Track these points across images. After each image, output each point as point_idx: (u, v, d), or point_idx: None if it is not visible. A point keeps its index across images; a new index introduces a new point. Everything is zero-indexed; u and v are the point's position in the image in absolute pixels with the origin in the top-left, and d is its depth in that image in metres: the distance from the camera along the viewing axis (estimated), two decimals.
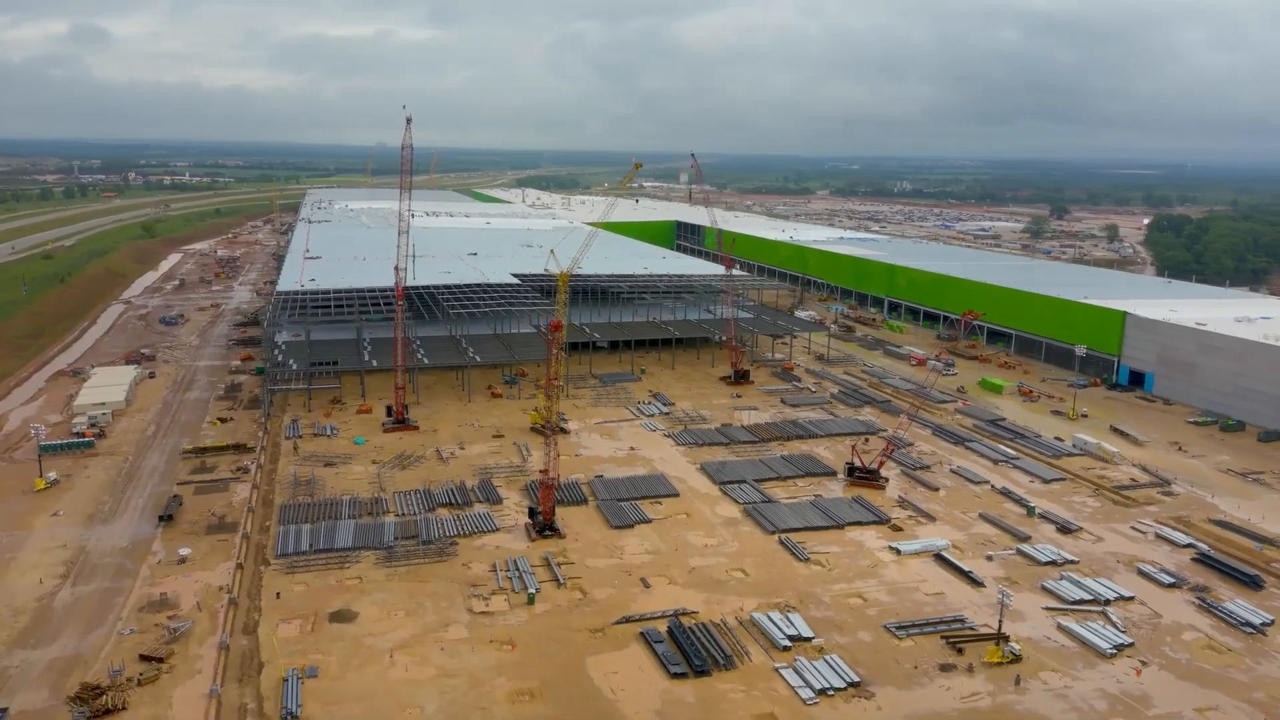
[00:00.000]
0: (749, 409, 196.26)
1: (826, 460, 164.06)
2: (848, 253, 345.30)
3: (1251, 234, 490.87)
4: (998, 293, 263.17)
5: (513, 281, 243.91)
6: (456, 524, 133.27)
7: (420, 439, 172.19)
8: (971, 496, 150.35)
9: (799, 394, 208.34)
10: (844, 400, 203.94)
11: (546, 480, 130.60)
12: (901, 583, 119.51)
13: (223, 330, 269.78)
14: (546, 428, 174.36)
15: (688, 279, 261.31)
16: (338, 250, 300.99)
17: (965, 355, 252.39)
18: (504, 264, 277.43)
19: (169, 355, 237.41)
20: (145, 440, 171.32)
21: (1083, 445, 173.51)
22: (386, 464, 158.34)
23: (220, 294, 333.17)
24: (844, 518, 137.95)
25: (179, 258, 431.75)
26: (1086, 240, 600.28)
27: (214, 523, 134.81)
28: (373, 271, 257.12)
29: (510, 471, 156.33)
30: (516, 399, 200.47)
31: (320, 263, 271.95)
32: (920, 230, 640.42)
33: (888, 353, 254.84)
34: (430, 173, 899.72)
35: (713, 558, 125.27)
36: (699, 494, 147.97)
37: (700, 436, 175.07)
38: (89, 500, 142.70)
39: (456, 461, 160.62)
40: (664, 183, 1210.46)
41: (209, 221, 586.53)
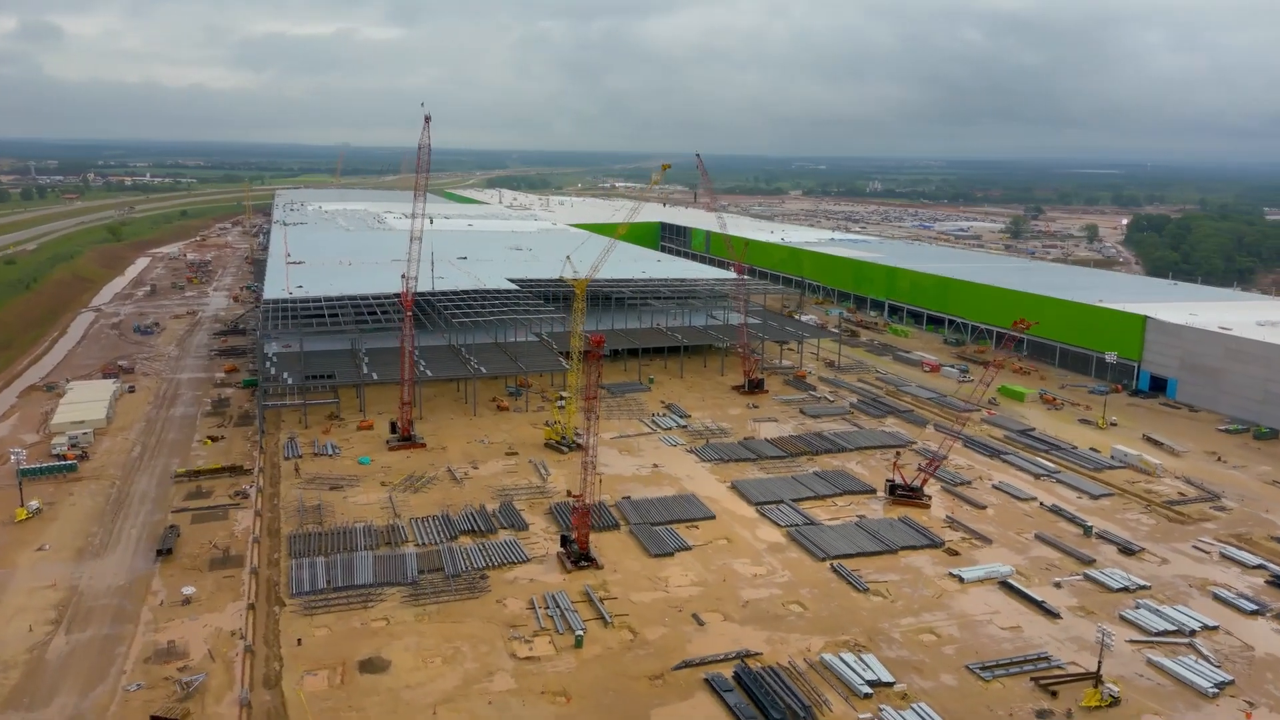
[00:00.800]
0: (768, 420, 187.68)
1: (862, 477, 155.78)
2: (845, 255, 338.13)
3: (1234, 234, 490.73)
4: (1007, 296, 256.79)
5: (510, 287, 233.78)
6: (483, 554, 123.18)
7: (429, 457, 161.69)
8: (1021, 515, 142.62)
9: (817, 404, 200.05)
10: (865, 410, 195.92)
11: (580, 506, 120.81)
12: (972, 615, 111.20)
13: (202, 339, 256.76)
14: (563, 444, 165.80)
15: (690, 283, 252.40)
16: (320, 254, 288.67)
17: (976, 360, 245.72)
18: (496, 268, 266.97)
19: (148, 367, 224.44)
20: (132, 462, 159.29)
21: (1123, 457, 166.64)
22: (397, 486, 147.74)
23: (195, 300, 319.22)
24: (895, 541, 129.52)
25: (147, 262, 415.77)
26: (1066, 240, 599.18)
27: (217, 556, 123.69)
28: (361, 277, 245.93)
29: (531, 493, 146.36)
30: (524, 412, 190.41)
31: (304, 268, 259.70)
32: (899, 231, 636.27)
33: (897, 358, 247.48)
34: (402, 173, 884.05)
35: (765, 589, 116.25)
36: (736, 516, 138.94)
37: (724, 451, 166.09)
38: (77, 532, 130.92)
39: (471, 482, 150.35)
40: (636, 183, 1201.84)
41: (175, 223, 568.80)
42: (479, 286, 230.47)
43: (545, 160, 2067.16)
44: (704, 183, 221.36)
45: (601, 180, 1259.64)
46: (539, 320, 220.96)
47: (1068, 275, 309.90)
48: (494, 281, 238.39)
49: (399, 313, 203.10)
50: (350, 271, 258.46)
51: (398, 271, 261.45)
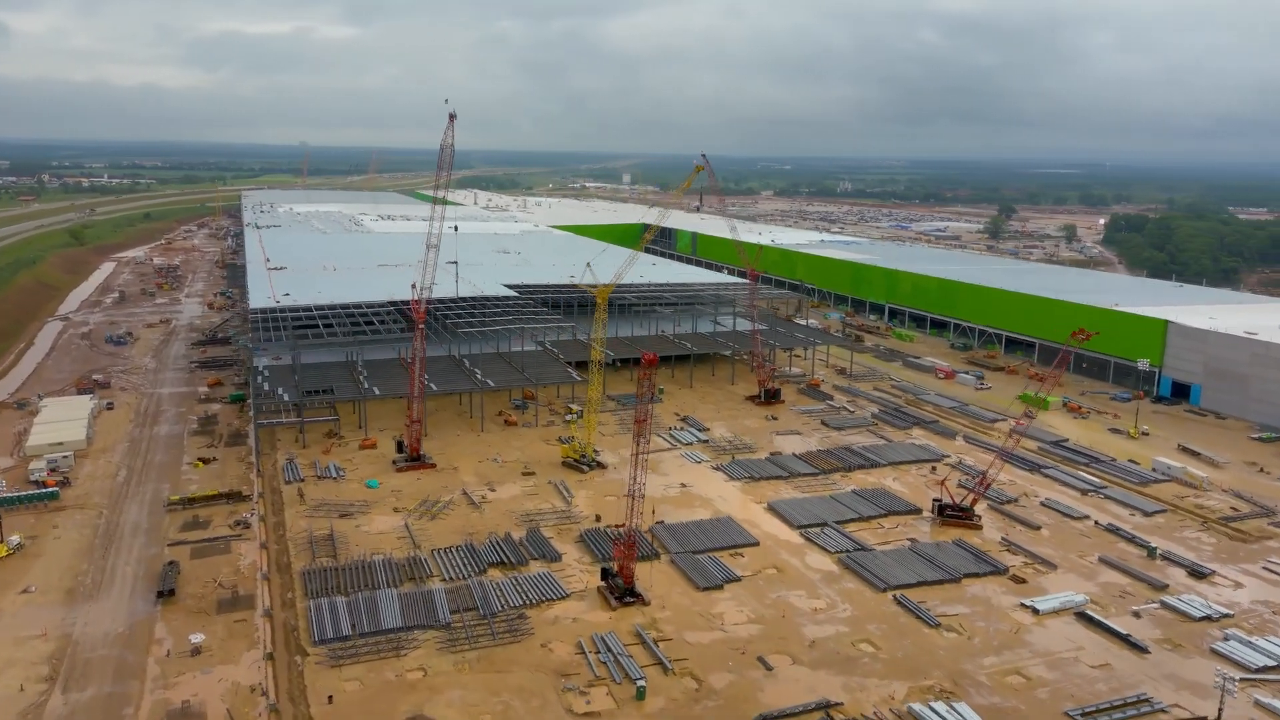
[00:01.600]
0: (791, 433, 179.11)
1: (903, 495, 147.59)
2: (841, 257, 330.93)
3: (1215, 234, 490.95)
4: (1017, 300, 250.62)
5: (508, 293, 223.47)
6: (517, 590, 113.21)
7: (441, 479, 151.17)
8: (1078, 536, 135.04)
9: (837, 415, 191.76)
10: (888, 421, 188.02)
11: (625, 538, 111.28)
12: (1057, 652, 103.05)
13: (179, 350, 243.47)
14: (583, 463, 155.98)
15: (695, 288, 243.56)
16: (300, 259, 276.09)
17: (987, 365, 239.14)
18: (488, 273, 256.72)
19: (125, 381, 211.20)
20: (118, 488, 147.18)
21: (1166, 470, 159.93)
22: (412, 512, 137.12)
23: (167, 308, 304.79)
24: (956, 568, 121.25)
25: (113, 267, 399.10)
26: (1045, 240, 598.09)
27: (224, 596, 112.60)
28: (349, 283, 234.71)
29: (557, 518, 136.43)
30: (534, 426, 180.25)
31: (288, 274, 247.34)
32: (877, 231, 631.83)
33: (907, 364, 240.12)
34: (369, 173, 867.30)
35: (829, 625, 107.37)
36: (780, 542, 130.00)
37: (753, 469, 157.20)
38: (65, 570, 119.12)
39: (491, 507, 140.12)
40: (606, 183, 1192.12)
41: (139, 226, 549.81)
42: (477, 293, 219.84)
43: (510, 160, 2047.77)
44: (711, 185, 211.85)
45: (571, 180, 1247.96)
46: (543, 329, 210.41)
47: (1068, 277, 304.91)
48: (490, 287, 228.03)
49: (397, 322, 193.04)
50: (336, 278, 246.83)
51: (386, 277, 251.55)
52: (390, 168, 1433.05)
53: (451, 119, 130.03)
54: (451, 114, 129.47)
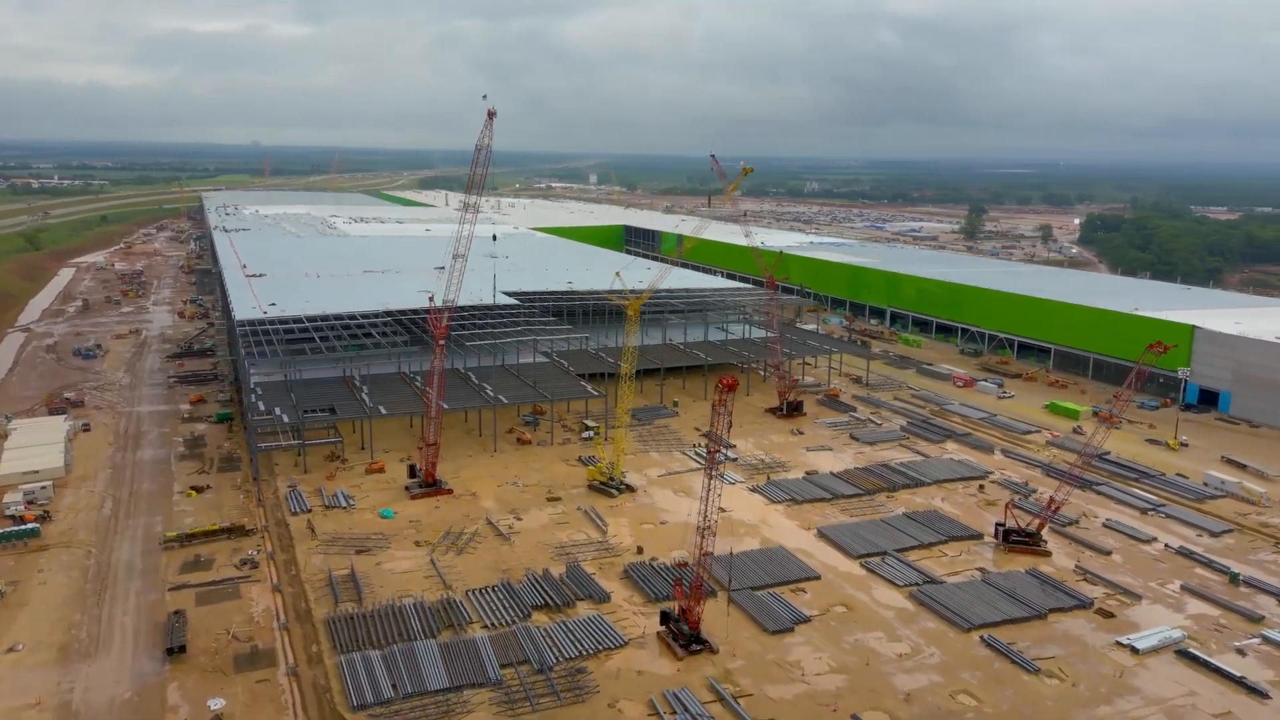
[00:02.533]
0: (821, 449, 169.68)
1: (956, 517, 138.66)
2: (838, 259, 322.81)
3: (1196, 234, 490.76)
4: (1031, 304, 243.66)
5: (509, 302, 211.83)
6: (569, 637, 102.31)
7: (460, 507, 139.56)
8: (1151, 561, 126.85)
9: (864, 427, 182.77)
10: (917, 434, 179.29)
11: (694, 580, 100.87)
12: (1170, 699, 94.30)
13: (154, 363, 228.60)
14: (611, 486, 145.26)
15: (703, 295, 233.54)
16: (278, 265, 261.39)
17: (1002, 372, 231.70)
18: (482, 280, 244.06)
19: (99, 398, 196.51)
20: (104, 522, 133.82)
21: (1220, 485, 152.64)
22: (437, 546, 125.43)
23: (135, 317, 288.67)
24: (1038, 603, 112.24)
25: (72, 273, 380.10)
26: (1021, 240, 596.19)
27: (241, 651, 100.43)
28: (337, 291, 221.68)
29: (595, 550, 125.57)
30: (548, 445, 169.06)
31: (268, 282, 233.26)
32: (853, 232, 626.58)
33: (922, 372, 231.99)
34: (332, 174, 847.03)
35: (920, 674, 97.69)
36: (842, 574, 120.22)
37: (793, 490, 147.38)
38: (55, 622, 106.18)
39: (521, 538, 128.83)
40: (572, 183, 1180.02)
41: (96, 230, 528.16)
42: (477, 301, 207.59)
43: (469, 160, 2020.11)
44: (723, 185, 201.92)
45: (536, 181, 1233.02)
46: (549, 340, 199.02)
47: (1070, 280, 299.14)
48: (489, 295, 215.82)
49: (398, 334, 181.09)
50: (321, 286, 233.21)
51: (375, 285, 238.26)
52: (349, 168, 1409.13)
53: (490, 116, 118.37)
54: (490, 110, 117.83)
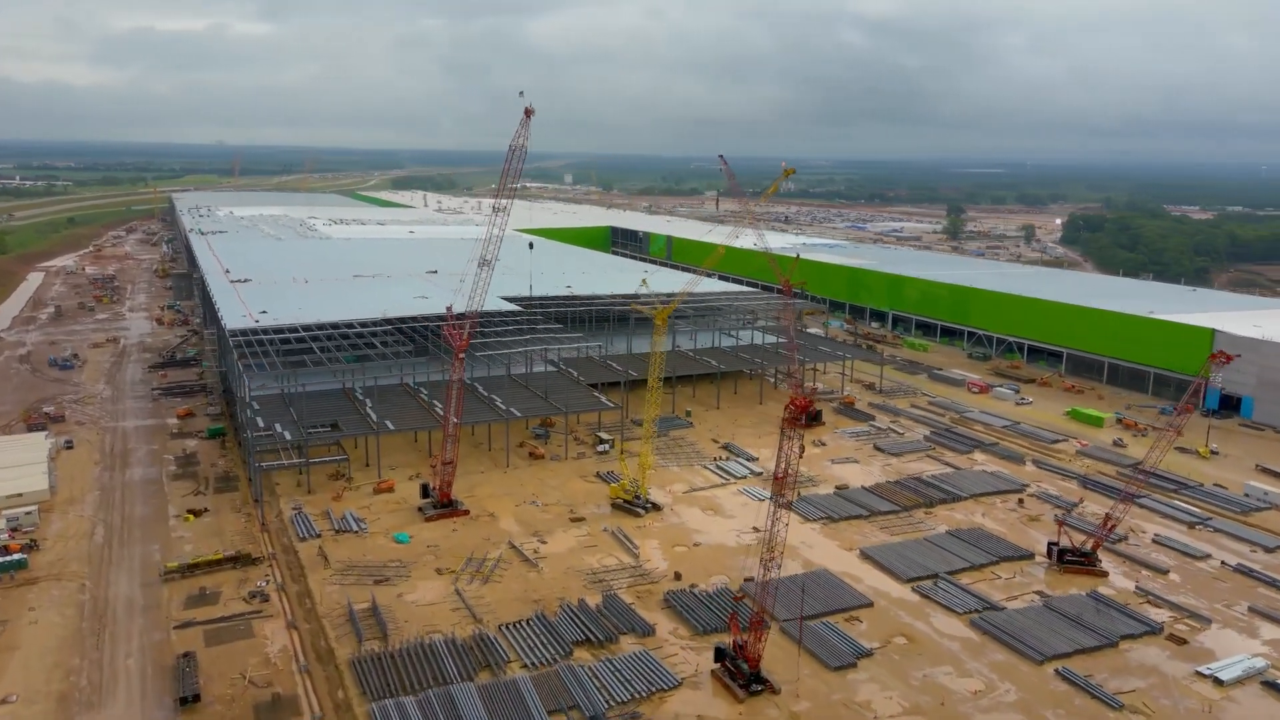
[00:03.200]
0: (847, 461, 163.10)
1: (1000, 534, 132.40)
2: (839, 262, 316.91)
3: (1180, 233, 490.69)
4: (1042, 307, 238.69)
5: (509, 307, 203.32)
6: (617, 678, 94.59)
7: (480, 529, 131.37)
8: (1211, 580, 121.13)
9: (886, 437, 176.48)
10: (942, 443, 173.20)
11: (754, 617, 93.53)
12: None
13: (135, 374, 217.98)
14: (637, 505, 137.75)
15: (710, 299, 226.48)
16: (263, 270, 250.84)
17: (1015, 377, 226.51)
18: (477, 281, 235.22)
19: (80, 413, 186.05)
20: (97, 551, 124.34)
21: (1263, 496, 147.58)
22: (460, 574, 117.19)
23: (111, 324, 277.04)
24: (1108, 630, 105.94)
25: (42, 278, 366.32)
26: (1004, 240, 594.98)
27: (261, 699, 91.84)
28: (329, 297, 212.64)
29: (629, 577, 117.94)
30: (562, 459, 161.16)
31: (255, 288, 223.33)
32: (835, 232, 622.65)
33: (933, 377, 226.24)
34: (303, 174, 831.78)
35: (999, 714, 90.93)
36: (895, 600, 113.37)
37: (826, 507, 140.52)
38: (52, 667, 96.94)
39: (549, 564, 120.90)
40: (547, 183, 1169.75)
41: (64, 233, 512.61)
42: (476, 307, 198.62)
43: (439, 160, 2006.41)
44: (732, 188, 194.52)
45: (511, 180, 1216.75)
46: (556, 347, 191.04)
47: (1074, 282, 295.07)
48: (489, 301, 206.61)
49: (401, 343, 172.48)
50: (311, 291, 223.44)
51: (368, 290, 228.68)
52: (319, 168, 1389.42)
53: (528, 114, 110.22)
54: (528, 109, 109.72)
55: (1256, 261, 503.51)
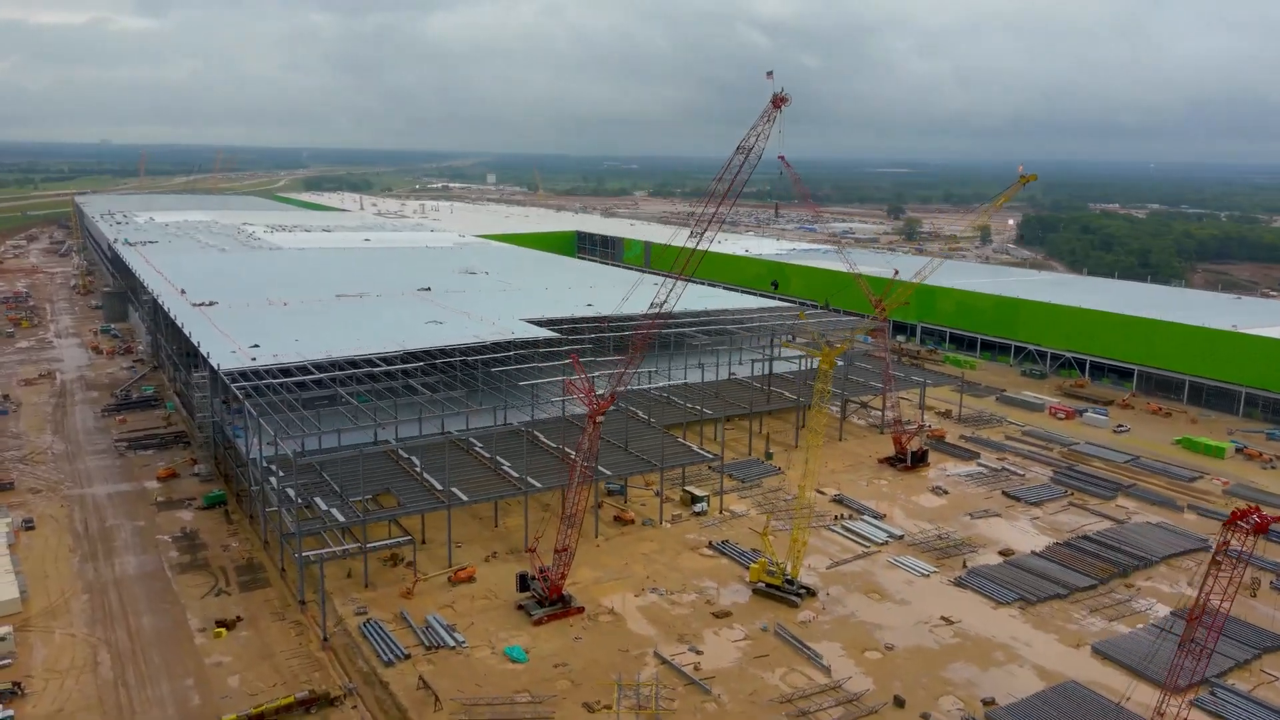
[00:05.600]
0: (987, 514, 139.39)
1: (1233, 613, 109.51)
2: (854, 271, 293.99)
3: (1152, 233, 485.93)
4: (1108, 320, 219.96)
5: (544, 334, 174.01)
6: None
7: (608, 635, 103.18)
8: None
9: (1006, 480, 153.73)
10: (1075, 486, 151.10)
11: None
12: None
13: (87, 419, 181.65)
14: (789, 591, 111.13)
15: (741, 316, 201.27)
16: (224, 290, 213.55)
17: (1083, 397, 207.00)
18: (480, 301, 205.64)
19: (31, 476, 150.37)
20: (108, 694, 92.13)
21: None
22: (619, 711, 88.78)
23: (40, 354, 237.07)
24: None
25: None
26: (960, 241, 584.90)
27: None
28: (324, 325, 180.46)
29: (836, 704, 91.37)
30: (655, 524, 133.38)
31: (226, 313, 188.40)
32: (790, 234, 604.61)
33: (1002, 401, 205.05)
34: (214, 174, 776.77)
35: None
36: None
37: (1012, 584, 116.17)
38: None
39: (722, 688, 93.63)
40: (471, 184, 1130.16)
41: None
42: (502, 335, 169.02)
43: (340, 159, 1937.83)
44: (797, 190, 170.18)
45: (429, 181, 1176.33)
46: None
47: (1116, 291, 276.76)
48: (510, 324, 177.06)
49: (450, 384, 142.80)
50: (297, 317, 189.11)
51: (362, 314, 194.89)
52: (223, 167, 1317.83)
53: (777, 104, 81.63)
54: (780, 95, 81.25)
55: (1212, 260, 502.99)
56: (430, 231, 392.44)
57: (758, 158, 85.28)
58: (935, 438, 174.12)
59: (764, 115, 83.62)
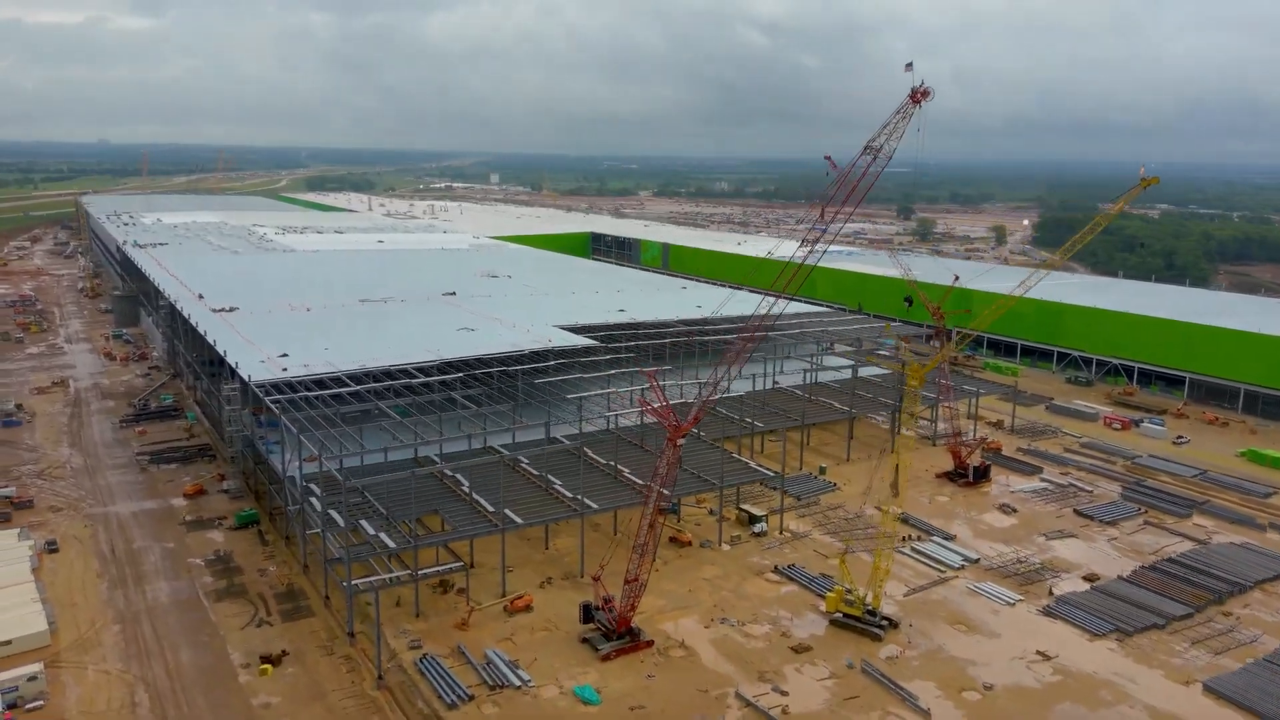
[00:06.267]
0: (1062, 535, 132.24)
1: None
2: (878, 272, 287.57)
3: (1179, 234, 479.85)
4: (1158, 326, 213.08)
5: (584, 341, 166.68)
6: None
7: (682, 672, 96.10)
8: None
9: (1074, 496, 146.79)
10: (1146, 502, 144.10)
11: None
12: None
13: (104, 430, 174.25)
14: (872, 623, 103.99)
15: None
16: (242, 294, 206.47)
17: (1135, 405, 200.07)
18: (508, 306, 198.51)
19: (49, 492, 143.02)
20: None
21: None
22: None
23: (49, 359, 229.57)
24: None
25: None
26: (974, 242, 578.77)
27: None
28: (347, 330, 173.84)
29: None
30: (713, 546, 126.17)
31: (248, 319, 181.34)
32: (796, 234, 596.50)
33: (1052, 410, 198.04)
34: (217, 173, 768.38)
35: None
36: None
37: (1105, 613, 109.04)
38: None
39: None
40: (474, 184, 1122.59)
41: None
42: (540, 342, 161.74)
43: (339, 158, 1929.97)
44: (846, 193, 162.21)
45: (431, 180, 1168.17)
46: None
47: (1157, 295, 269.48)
48: (549, 333, 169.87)
49: (496, 396, 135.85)
50: (322, 323, 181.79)
51: (389, 319, 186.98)
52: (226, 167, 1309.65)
53: (916, 98, 74.72)
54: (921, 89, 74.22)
55: (1232, 261, 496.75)
56: (443, 233, 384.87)
57: (887, 159, 77.97)
58: (992, 450, 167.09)
59: (899, 111, 76.46)
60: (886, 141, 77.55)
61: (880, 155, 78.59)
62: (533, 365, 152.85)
